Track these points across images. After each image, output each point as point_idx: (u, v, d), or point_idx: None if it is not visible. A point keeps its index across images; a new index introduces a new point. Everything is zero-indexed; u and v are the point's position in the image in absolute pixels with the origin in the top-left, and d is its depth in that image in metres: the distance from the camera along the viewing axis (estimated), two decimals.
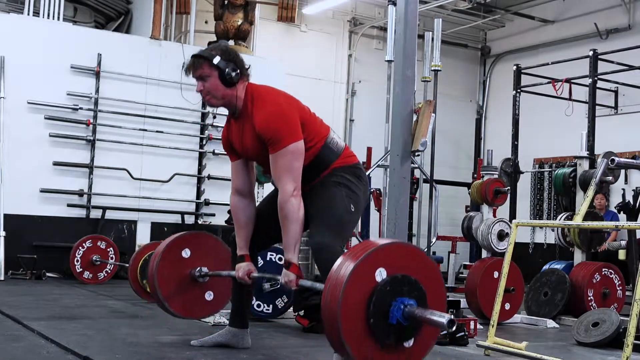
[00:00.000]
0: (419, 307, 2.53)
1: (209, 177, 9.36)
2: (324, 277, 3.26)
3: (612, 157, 4.60)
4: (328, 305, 2.51)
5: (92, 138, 8.71)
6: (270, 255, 4.96)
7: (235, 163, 3.63)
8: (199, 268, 3.83)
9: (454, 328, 2.47)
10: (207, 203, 9.34)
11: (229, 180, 3.70)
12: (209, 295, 3.91)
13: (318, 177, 3.48)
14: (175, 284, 3.79)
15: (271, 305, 5.05)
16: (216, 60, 3.38)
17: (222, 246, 3.96)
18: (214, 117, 9.23)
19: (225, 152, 3.69)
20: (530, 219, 11.79)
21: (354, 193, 3.46)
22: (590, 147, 7.19)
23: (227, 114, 3.61)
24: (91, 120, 8.71)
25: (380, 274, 2.51)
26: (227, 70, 3.38)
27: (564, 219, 6.75)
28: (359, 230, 7.50)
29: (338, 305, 2.44)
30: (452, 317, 2.44)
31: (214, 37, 10.11)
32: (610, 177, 6.53)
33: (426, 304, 2.56)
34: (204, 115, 9.46)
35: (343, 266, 2.52)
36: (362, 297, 2.48)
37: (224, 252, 3.89)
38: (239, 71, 3.42)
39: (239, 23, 10.07)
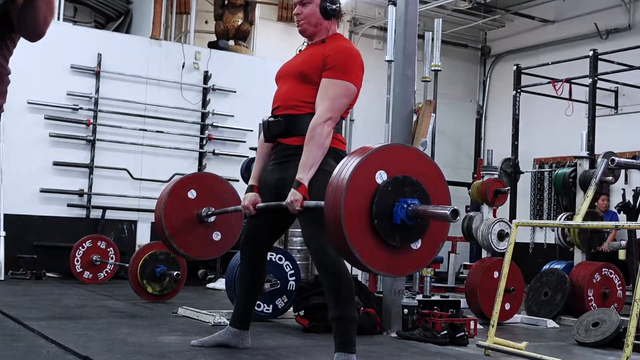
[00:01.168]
0: (422, 204, 2.51)
1: None
2: (324, 278, 3.26)
3: (612, 157, 4.61)
4: (330, 211, 2.48)
5: (92, 138, 8.71)
6: (270, 255, 4.97)
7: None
8: (205, 208, 3.84)
9: (457, 219, 2.44)
10: None
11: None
12: (216, 236, 3.92)
13: (300, 137, 3.36)
14: (182, 224, 3.81)
15: (271, 305, 5.05)
16: None
17: (227, 186, 3.99)
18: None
19: (275, 81, 3.69)
20: (531, 219, 11.79)
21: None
22: (591, 147, 7.19)
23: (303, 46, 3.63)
24: (91, 120, 8.71)
25: (381, 176, 2.50)
26: (327, 1, 3.47)
27: (564, 219, 6.75)
28: None
29: (340, 209, 2.41)
30: (455, 207, 2.42)
31: (214, 37, 10.12)
32: (611, 177, 6.53)
33: (429, 202, 2.54)
34: (204, 115, 9.46)
35: (343, 171, 2.49)
36: (364, 199, 2.46)
37: (230, 191, 3.92)
38: (338, 7, 3.51)
39: (239, 23, 10.07)
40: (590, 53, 7.82)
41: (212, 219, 3.88)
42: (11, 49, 2.73)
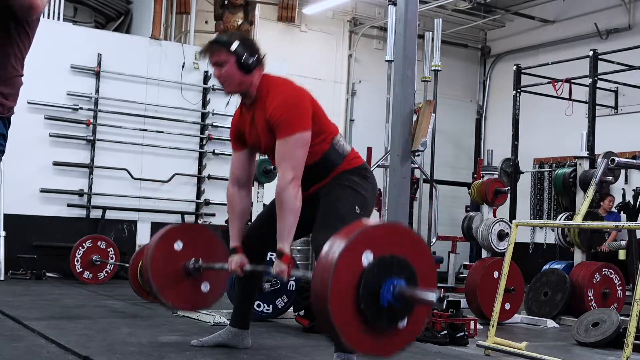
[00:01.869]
0: (409, 286, 2.49)
1: (209, 177, 9.36)
2: None
3: (612, 157, 4.61)
4: (317, 294, 2.47)
5: (92, 138, 8.71)
6: (271, 255, 4.96)
7: (238, 154, 3.61)
8: (192, 260, 3.76)
9: (444, 305, 2.43)
10: (207, 203, 9.34)
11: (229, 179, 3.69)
12: (205, 287, 3.86)
13: (323, 180, 3.45)
14: (170, 277, 3.73)
15: (271, 305, 5.05)
16: (234, 46, 3.38)
17: (214, 237, 3.93)
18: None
19: (231, 140, 3.67)
20: (531, 219, 11.79)
21: (360, 194, 3.42)
22: (591, 147, 7.19)
23: (239, 102, 3.59)
24: (91, 120, 8.71)
25: (367, 257, 2.46)
26: (244, 56, 3.38)
27: (564, 219, 6.76)
28: None
29: (327, 292, 2.40)
30: (442, 293, 2.42)
31: (214, 37, 10.11)
32: (611, 177, 6.53)
33: (416, 282, 2.53)
34: (204, 115, 9.46)
35: (329, 253, 2.48)
36: (351, 282, 2.44)
37: (217, 243, 3.85)
38: (256, 58, 3.42)
39: (239, 23, 10.07)
40: (590, 53, 7.82)
41: (200, 271, 3.80)
42: (22, 50, 2.70)
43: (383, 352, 2.55)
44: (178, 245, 3.76)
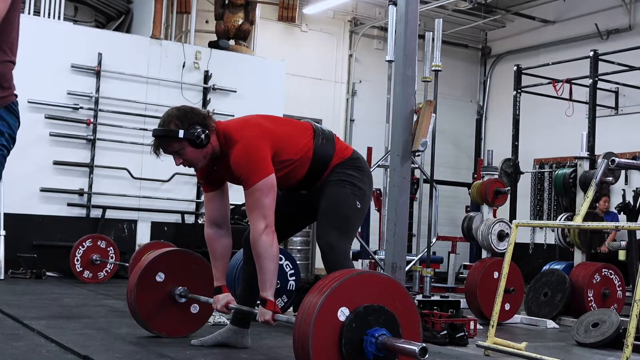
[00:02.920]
0: (391, 337, 2.48)
1: None
2: None
3: (613, 158, 4.60)
4: (300, 355, 2.48)
5: (92, 137, 8.71)
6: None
7: (209, 194, 3.58)
8: (178, 289, 3.85)
9: (426, 356, 2.41)
10: None
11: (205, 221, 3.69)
12: (194, 309, 3.94)
13: (319, 179, 3.49)
14: (157, 308, 3.83)
15: None
16: (181, 133, 3.29)
17: (194, 258, 3.97)
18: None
19: (200, 183, 3.66)
20: (531, 219, 11.79)
21: (358, 188, 3.47)
22: (591, 147, 7.19)
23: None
24: (91, 120, 8.71)
25: (343, 313, 2.46)
26: (195, 135, 3.30)
27: (564, 220, 6.76)
28: (359, 230, 7.50)
29: (309, 353, 2.41)
30: (424, 345, 2.40)
31: (214, 37, 10.12)
32: (611, 178, 6.53)
33: (397, 327, 2.52)
34: None
35: (305, 314, 2.47)
36: (332, 340, 2.44)
37: (201, 265, 3.91)
38: (207, 131, 3.33)
39: (240, 23, 10.07)
40: (591, 53, 7.83)
41: (185, 300, 3.88)
42: (7, 34, 2.63)
43: None
44: (160, 277, 3.83)
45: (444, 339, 4.71)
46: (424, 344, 2.39)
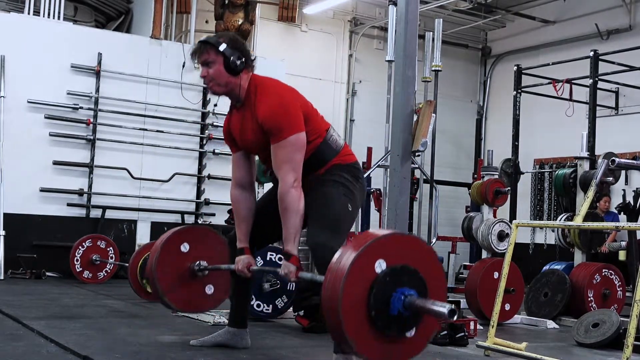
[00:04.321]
0: (420, 297, 2.50)
1: (209, 177, 9.36)
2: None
3: (613, 158, 4.59)
4: (328, 299, 2.49)
5: (92, 137, 8.70)
6: (270, 255, 4.96)
7: (236, 155, 3.61)
8: (198, 262, 3.78)
9: (455, 318, 2.43)
10: (207, 203, 9.33)
11: (229, 179, 3.67)
12: (209, 289, 3.88)
13: (314, 172, 3.45)
14: (175, 279, 3.76)
15: (271, 305, 5.04)
16: (222, 47, 3.39)
17: (220, 240, 3.93)
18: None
19: (226, 143, 3.67)
20: (531, 219, 11.79)
21: (351, 192, 3.45)
22: (591, 147, 7.19)
23: (229, 104, 3.59)
24: (91, 120, 8.70)
25: (380, 266, 2.49)
26: (232, 58, 3.38)
27: (564, 220, 6.75)
28: (359, 230, 7.50)
29: (339, 299, 2.42)
30: (453, 306, 2.42)
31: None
32: (611, 178, 6.53)
33: (427, 293, 2.54)
34: (204, 115, 9.46)
35: (342, 259, 2.50)
36: (362, 289, 2.46)
37: (222, 245, 3.85)
38: (243, 60, 3.41)
39: (240, 23, 10.07)
40: (591, 54, 7.82)
41: (205, 272, 3.82)
42: None
43: (388, 358, 2.56)
44: (185, 247, 3.79)
45: (444, 339, 4.71)
46: (453, 306, 2.42)
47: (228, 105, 3.65)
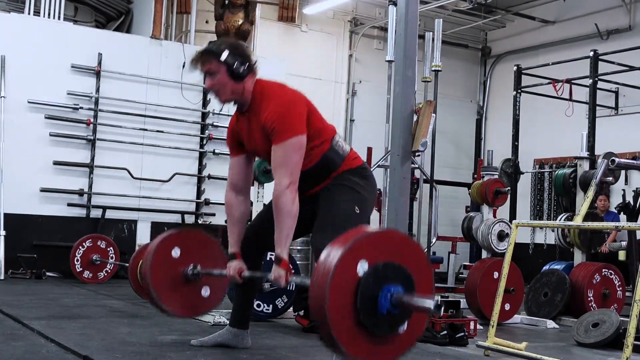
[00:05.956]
0: (406, 293, 2.48)
1: (209, 177, 9.36)
2: None
3: (613, 158, 4.60)
4: (316, 306, 2.47)
5: (92, 137, 8.71)
6: (271, 255, 4.96)
7: (235, 159, 3.61)
8: (191, 266, 3.74)
9: (441, 311, 2.42)
10: (207, 203, 9.34)
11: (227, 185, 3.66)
12: (205, 291, 3.84)
13: (323, 182, 3.46)
14: (169, 284, 3.72)
15: (271, 305, 5.05)
16: (224, 55, 3.34)
17: (212, 241, 3.91)
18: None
19: (228, 144, 3.67)
20: (531, 219, 11.79)
21: (359, 194, 3.44)
22: (591, 147, 7.19)
23: (235, 108, 3.58)
24: (91, 120, 8.71)
25: (362, 267, 2.45)
26: (235, 65, 3.34)
27: (564, 220, 6.75)
28: None
29: (325, 305, 2.39)
30: (439, 300, 2.41)
31: (214, 37, 10.10)
32: (611, 178, 6.53)
33: (413, 286, 2.52)
34: (204, 115, 9.46)
35: (325, 265, 2.46)
36: (348, 292, 2.43)
37: (215, 246, 3.84)
38: (247, 66, 3.39)
39: (240, 23, 10.07)
40: (591, 54, 7.82)
41: (199, 277, 3.78)
42: None
43: (384, 357, 2.55)
44: (176, 252, 3.75)
45: (444, 339, 4.71)
46: (439, 300, 2.40)
47: (228, 108, 3.65)
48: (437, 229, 6.41)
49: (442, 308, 2.42)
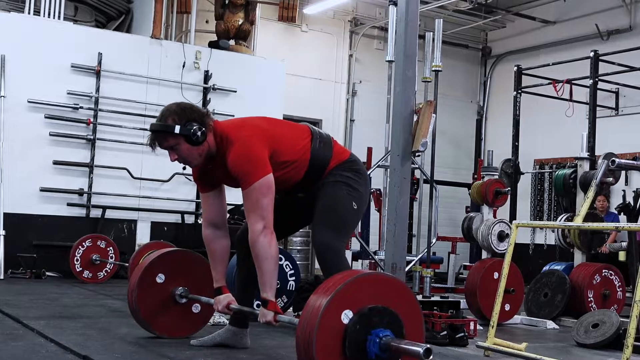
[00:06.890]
0: (395, 337, 2.47)
1: None
2: (326, 277, 3.27)
3: (613, 159, 4.60)
4: (301, 355, 2.47)
5: (92, 137, 8.70)
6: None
7: (206, 195, 3.58)
8: (180, 290, 3.83)
9: (430, 357, 2.40)
10: None
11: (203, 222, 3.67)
12: (195, 308, 3.92)
13: (316, 182, 3.48)
14: (159, 309, 3.81)
15: None
16: (177, 129, 3.30)
17: (198, 259, 3.95)
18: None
19: (196, 182, 3.66)
20: (531, 219, 11.79)
21: (355, 189, 3.47)
22: (591, 148, 7.18)
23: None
24: (91, 120, 8.70)
25: (347, 316, 2.45)
26: (192, 132, 3.30)
27: (565, 220, 6.75)
28: (359, 230, 7.50)
29: (312, 353, 2.40)
30: (429, 346, 2.39)
31: (214, 37, 10.12)
32: (611, 179, 6.52)
33: (402, 328, 2.52)
34: None
35: (308, 318, 2.46)
36: (335, 341, 2.43)
37: (201, 265, 3.88)
38: (202, 126, 3.33)
39: (240, 23, 10.07)
40: (591, 54, 7.82)
41: (186, 299, 3.86)
42: None
43: None
44: (160, 279, 3.80)
45: (444, 339, 4.71)
46: (428, 345, 2.39)
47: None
48: (437, 229, 6.39)
49: (432, 353, 2.40)
